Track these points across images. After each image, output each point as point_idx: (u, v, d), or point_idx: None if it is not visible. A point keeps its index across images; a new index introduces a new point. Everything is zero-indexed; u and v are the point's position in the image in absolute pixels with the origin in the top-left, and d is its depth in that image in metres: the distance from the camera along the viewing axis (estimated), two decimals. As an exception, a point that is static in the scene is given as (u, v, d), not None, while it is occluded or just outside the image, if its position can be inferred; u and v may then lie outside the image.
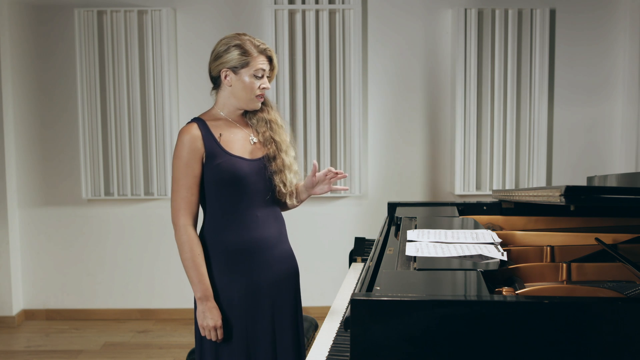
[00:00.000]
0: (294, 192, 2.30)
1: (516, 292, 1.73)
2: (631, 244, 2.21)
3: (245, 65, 2.15)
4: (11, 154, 4.48)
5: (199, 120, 2.19)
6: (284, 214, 2.35)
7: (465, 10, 4.33)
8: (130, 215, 4.57)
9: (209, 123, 2.18)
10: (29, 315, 4.64)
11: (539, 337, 1.39)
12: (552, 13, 4.42)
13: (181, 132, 2.15)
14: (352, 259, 2.98)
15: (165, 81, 4.34)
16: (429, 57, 4.48)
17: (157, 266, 4.58)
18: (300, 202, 2.39)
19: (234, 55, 2.15)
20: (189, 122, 2.19)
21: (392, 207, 3.05)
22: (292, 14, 4.36)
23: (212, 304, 2.14)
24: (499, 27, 4.36)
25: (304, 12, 4.36)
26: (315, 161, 2.31)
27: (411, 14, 4.45)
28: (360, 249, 3.00)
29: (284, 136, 2.27)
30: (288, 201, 2.28)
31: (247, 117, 2.26)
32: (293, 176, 2.25)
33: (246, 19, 4.44)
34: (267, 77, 2.21)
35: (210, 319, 2.13)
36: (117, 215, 4.58)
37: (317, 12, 4.35)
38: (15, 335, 4.35)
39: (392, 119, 4.52)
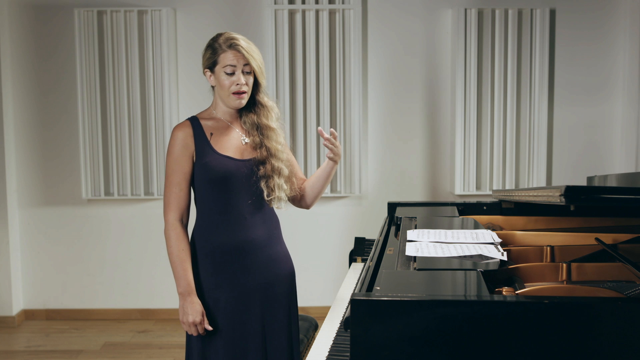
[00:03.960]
0: (283, 198, 2.24)
1: (516, 292, 1.73)
2: (631, 244, 2.21)
3: (216, 63, 2.14)
4: (11, 154, 4.48)
5: (193, 119, 2.21)
6: (288, 212, 2.33)
7: (465, 10, 4.33)
8: (130, 215, 4.57)
9: (202, 122, 2.20)
10: (29, 315, 4.64)
11: (539, 337, 1.39)
12: (552, 13, 4.42)
13: (174, 129, 2.18)
14: (352, 259, 2.98)
15: (165, 81, 4.34)
16: (429, 57, 4.48)
17: (157, 266, 4.58)
18: (304, 203, 2.36)
19: (207, 54, 2.18)
20: (183, 120, 2.22)
21: (392, 207, 3.05)
22: (292, 14, 4.36)
23: (193, 299, 2.14)
24: (499, 27, 4.36)
25: (304, 12, 4.36)
26: (319, 127, 2.28)
27: (411, 14, 4.45)
28: (360, 249, 3.00)
29: (275, 140, 2.21)
30: (275, 206, 2.25)
31: (242, 118, 2.24)
32: (284, 181, 2.22)
33: (246, 19, 4.44)
34: (246, 73, 2.14)
35: (190, 314, 2.13)
36: (117, 215, 4.58)
37: (317, 12, 4.35)
38: (15, 335, 4.35)
39: (392, 119, 4.52)
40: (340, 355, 1.81)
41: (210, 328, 2.16)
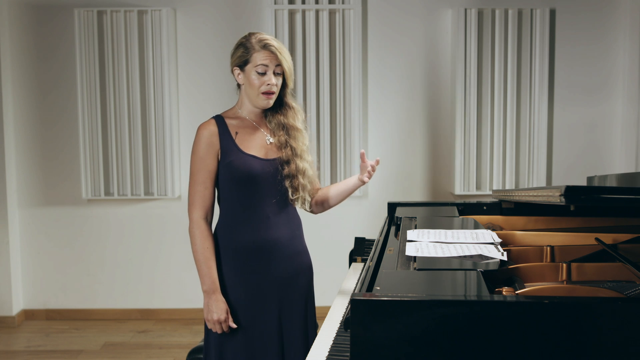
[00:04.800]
0: (307, 198, 2.26)
1: (516, 292, 1.73)
2: (631, 244, 2.21)
3: (247, 62, 2.15)
4: (11, 154, 4.48)
5: (218, 118, 2.22)
6: (304, 214, 2.35)
7: (465, 10, 4.33)
8: (130, 215, 4.57)
9: (227, 121, 2.21)
10: (29, 315, 4.63)
11: (539, 337, 1.39)
12: (552, 13, 4.42)
13: (199, 128, 2.19)
14: (352, 259, 2.98)
15: (165, 81, 4.34)
16: (429, 57, 4.48)
17: (157, 266, 4.58)
18: (326, 206, 2.38)
19: (238, 52, 2.18)
20: (209, 119, 2.23)
21: (392, 207, 3.05)
22: (292, 14, 4.36)
23: (218, 297, 2.16)
24: (499, 27, 4.36)
25: (304, 12, 4.36)
26: (362, 150, 2.30)
27: (411, 14, 4.45)
28: (360, 249, 2.99)
29: (301, 141, 2.24)
30: (299, 206, 2.28)
31: (267, 118, 2.26)
32: (307, 182, 2.24)
33: (246, 19, 4.44)
34: (277, 74, 2.17)
35: (215, 312, 2.15)
36: (117, 215, 4.58)
37: (317, 12, 4.35)
38: (15, 335, 4.35)
39: (392, 119, 4.52)
40: (340, 355, 1.81)
41: (234, 326, 2.18)
